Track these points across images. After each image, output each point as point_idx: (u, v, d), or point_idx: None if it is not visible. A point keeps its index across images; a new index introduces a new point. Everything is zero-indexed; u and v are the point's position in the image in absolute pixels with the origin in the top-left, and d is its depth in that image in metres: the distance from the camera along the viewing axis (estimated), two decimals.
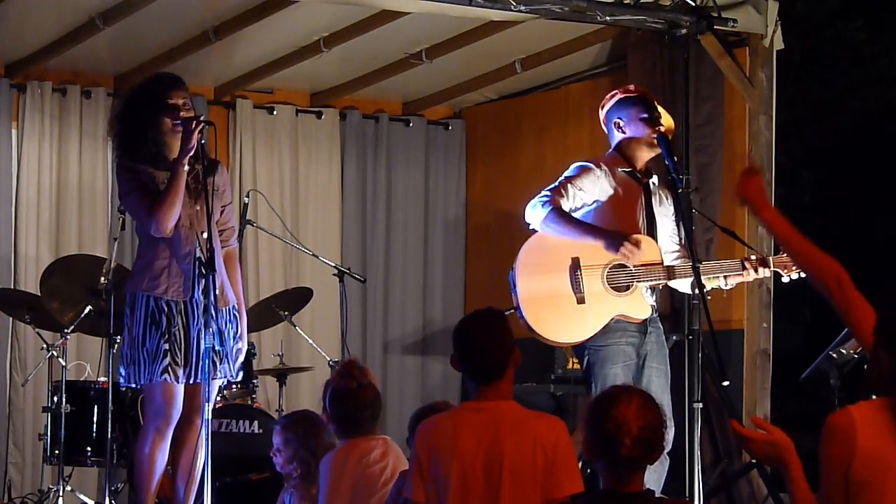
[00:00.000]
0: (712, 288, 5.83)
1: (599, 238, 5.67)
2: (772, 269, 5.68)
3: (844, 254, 3.84)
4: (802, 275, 5.63)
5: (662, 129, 5.81)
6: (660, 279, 5.68)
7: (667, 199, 5.92)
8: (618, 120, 5.89)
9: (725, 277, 5.73)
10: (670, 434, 4.96)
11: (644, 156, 5.84)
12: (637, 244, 5.61)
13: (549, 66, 8.92)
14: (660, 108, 5.95)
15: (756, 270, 5.67)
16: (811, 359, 6.33)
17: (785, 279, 5.70)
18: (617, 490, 3.79)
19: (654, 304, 5.78)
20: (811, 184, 12.85)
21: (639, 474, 3.81)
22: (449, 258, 9.92)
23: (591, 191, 5.81)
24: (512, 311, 5.80)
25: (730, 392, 7.48)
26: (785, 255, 5.63)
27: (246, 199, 8.21)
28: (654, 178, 5.86)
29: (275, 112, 9.42)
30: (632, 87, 5.98)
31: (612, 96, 5.95)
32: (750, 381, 7.84)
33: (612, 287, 5.70)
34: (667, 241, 5.86)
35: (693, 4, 7.41)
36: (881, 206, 12.02)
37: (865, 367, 5.93)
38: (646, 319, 5.73)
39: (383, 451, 5.24)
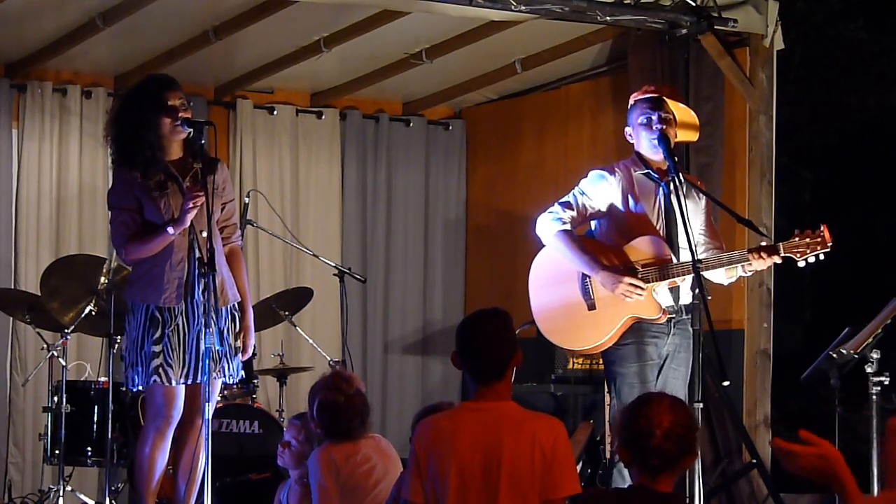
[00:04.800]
0: (734, 280, 5.85)
1: (597, 274, 5.70)
2: (782, 255, 5.65)
3: (845, 254, 3.84)
4: (822, 257, 5.63)
5: (662, 128, 5.79)
6: (669, 278, 5.66)
7: (697, 194, 5.90)
8: (628, 126, 5.93)
9: (743, 266, 5.71)
10: None
11: (655, 157, 5.83)
12: (633, 284, 5.61)
13: (549, 66, 8.92)
14: (677, 106, 5.93)
15: (765, 258, 5.63)
16: (811, 359, 6.32)
17: (801, 263, 5.66)
18: (648, 487, 3.78)
19: (674, 304, 5.75)
20: (811, 184, 12.86)
21: (672, 474, 3.79)
22: (449, 258, 9.92)
23: (603, 198, 5.83)
24: (530, 324, 5.85)
25: (730, 392, 7.48)
26: (797, 239, 5.62)
27: (246, 199, 8.22)
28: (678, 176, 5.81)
29: (275, 112, 9.41)
30: (652, 87, 5.96)
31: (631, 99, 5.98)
32: (750, 381, 7.84)
33: None
34: (695, 235, 5.78)
35: (693, 4, 7.41)
36: (881, 205, 12.02)
37: (866, 368, 5.92)
38: (670, 320, 5.72)
39: (371, 451, 5.25)
